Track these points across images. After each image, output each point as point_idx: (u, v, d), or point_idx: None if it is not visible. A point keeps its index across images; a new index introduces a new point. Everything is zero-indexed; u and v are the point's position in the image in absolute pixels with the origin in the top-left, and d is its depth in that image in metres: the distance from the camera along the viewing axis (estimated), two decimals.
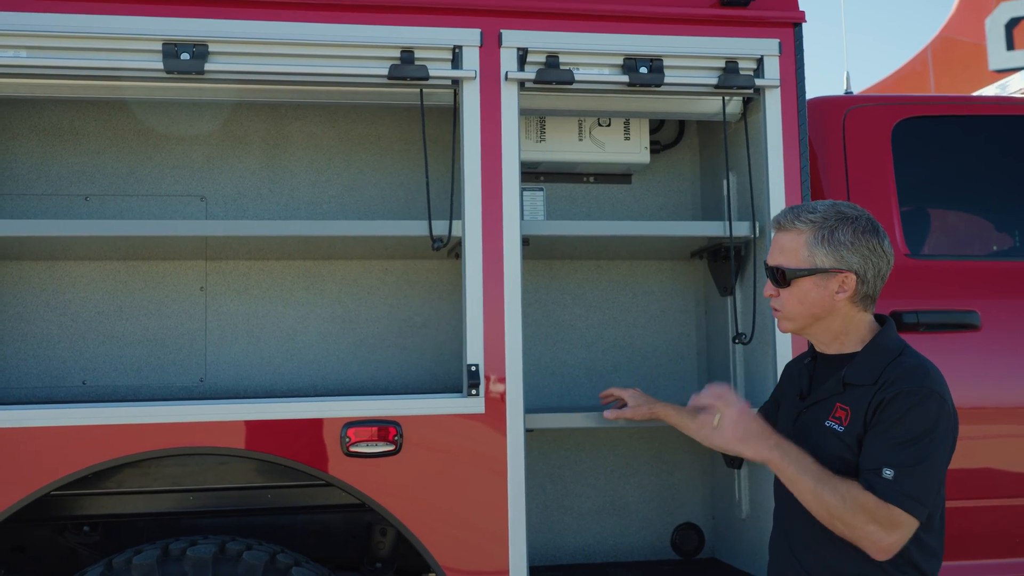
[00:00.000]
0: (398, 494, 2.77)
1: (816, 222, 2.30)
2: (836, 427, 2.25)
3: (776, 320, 2.45)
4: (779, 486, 2.41)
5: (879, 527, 2.10)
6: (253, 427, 2.73)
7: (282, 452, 2.73)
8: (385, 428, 2.76)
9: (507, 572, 2.80)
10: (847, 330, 2.33)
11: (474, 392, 2.82)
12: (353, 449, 2.74)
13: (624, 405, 2.94)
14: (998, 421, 3.28)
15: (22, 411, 2.64)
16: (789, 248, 2.33)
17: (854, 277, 2.27)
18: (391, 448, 2.75)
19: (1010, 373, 3.28)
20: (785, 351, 3.04)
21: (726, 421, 2.35)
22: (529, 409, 3.02)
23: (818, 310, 2.32)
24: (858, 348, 2.33)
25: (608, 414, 2.93)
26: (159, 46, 2.77)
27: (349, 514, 3.25)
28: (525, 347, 2.95)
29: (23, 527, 3.09)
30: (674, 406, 2.85)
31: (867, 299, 2.31)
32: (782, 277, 2.34)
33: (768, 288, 2.40)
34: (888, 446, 2.14)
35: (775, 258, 2.37)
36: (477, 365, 2.83)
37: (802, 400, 2.40)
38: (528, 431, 2.93)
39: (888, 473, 2.11)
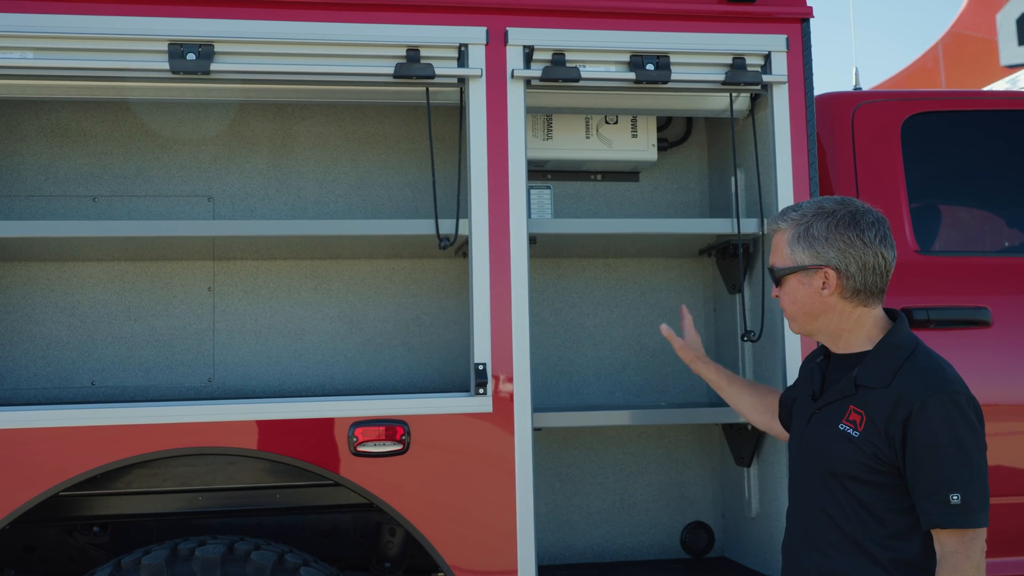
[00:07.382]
0: (406, 494, 2.76)
1: (795, 220, 2.31)
2: (850, 431, 2.20)
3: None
4: (794, 485, 2.38)
5: (981, 557, 2.06)
6: (261, 427, 2.73)
7: (290, 452, 2.73)
8: (393, 428, 2.75)
9: (516, 571, 2.79)
10: (850, 327, 2.30)
11: (482, 391, 2.81)
12: (361, 449, 2.73)
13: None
14: (1009, 418, 3.25)
15: (31, 412, 2.64)
16: (777, 248, 2.37)
17: (834, 272, 2.25)
18: (399, 448, 2.75)
19: (1021, 370, 3.25)
20: (794, 349, 3.02)
21: None
22: (537, 408, 3.01)
23: (810, 308, 2.30)
24: (868, 346, 2.29)
25: (664, 330, 2.89)
26: (165, 46, 2.77)
27: (358, 514, 3.25)
28: (533, 346, 2.94)
29: (33, 527, 3.10)
30: (713, 369, 2.88)
31: (861, 294, 2.26)
32: (774, 277, 2.37)
33: (773, 289, 2.42)
34: (941, 469, 2.08)
35: (770, 259, 2.41)
36: (485, 364, 2.83)
37: (814, 401, 2.37)
38: (536, 430, 2.93)
39: (956, 498, 2.06)
